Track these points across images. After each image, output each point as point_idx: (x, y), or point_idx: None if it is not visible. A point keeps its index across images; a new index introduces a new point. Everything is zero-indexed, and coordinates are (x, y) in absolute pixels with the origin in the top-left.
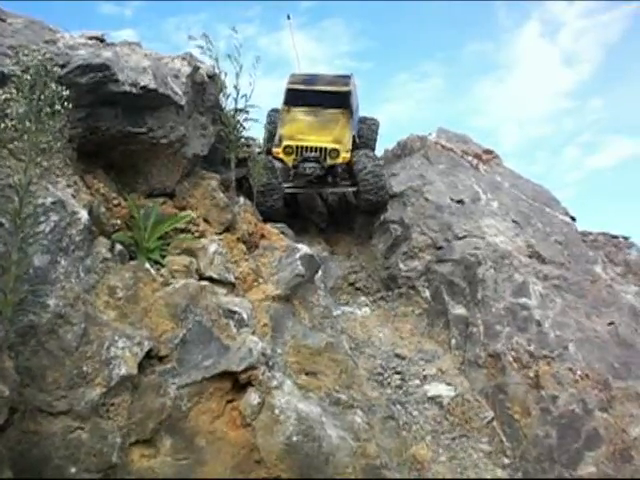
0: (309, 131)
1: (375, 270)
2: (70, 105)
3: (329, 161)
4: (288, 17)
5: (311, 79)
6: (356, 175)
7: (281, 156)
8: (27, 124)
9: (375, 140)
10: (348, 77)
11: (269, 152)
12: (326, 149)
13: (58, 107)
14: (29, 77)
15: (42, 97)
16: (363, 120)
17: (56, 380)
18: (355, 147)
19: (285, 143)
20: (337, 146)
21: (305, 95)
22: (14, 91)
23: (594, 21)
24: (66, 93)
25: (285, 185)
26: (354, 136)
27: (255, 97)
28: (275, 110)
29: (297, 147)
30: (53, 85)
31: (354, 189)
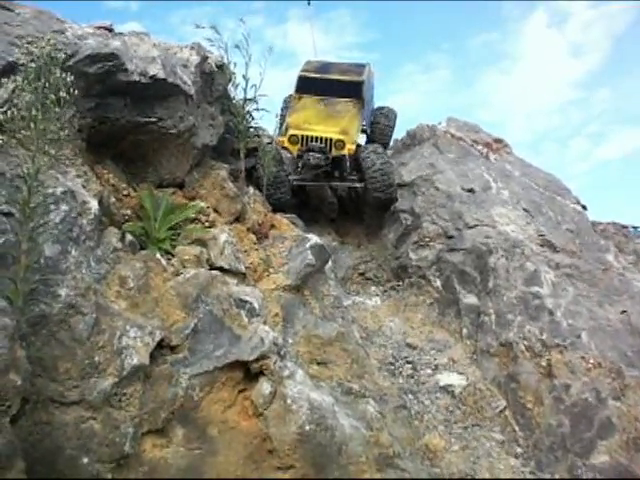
0: (316, 120)
1: (385, 260)
2: (76, 92)
3: (334, 152)
4: (308, 3)
5: (325, 67)
6: (364, 172)
7: (286, 145)
8: (34, 112)
9: (392, 130)
10: (363, 66)
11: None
12: (331, 140)
13: (63, 94)
14: (34, 65)
15: (47, 85)
16: (379, 109)
17: (68, 370)
18: (368, 138)
19: (290, 132)
20: (343, 137)
21: (317, 83)
22: (21, 80)
23: (601, 12)
24: (71, 79)
25: (293, 177)
26: (365, 127)
27: (262, 88)
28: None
29: (302, 136)
30: (58, 72)
31: (362, 185)
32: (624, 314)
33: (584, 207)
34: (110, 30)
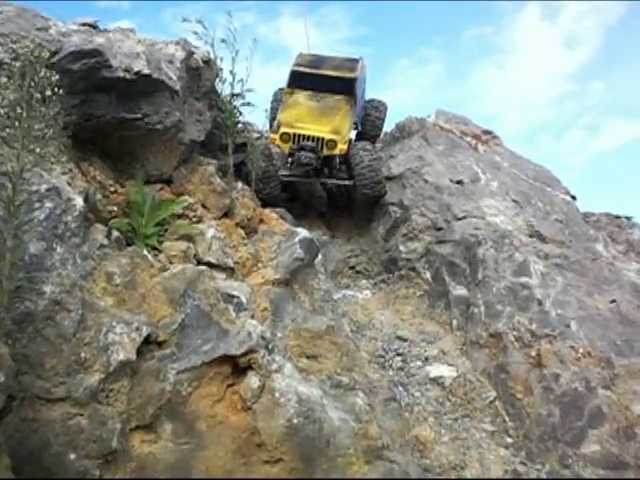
0: (308, 118)
1: (375, 253)
2: (61, 91)
3: (326, 151)
4: None
5: (317, 62)
6: (353, 168)
7: (278, 143)
8: (19, 111)
9: (382, 123)
10: (356, 61)
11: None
12: (323, 139)
13: (49, 93)
14: (19, 64)
15: (32, 84)
16: (370, 102)
17: (54, 367)
18: (358, 133)
19: (282, 130)
20: (335, 137)
21: (309, 78)
22: (4, 79)
23: (593, 4)
24: (55, 78)
25: (282, 173)
26: (356, 123)
27: (254, 85)
28: (282, 89)
29: (294, 135)
30: (43, 71)
31: (350, 183)
32: (613, 303)
33: (573, 197)
34: (94, 27)
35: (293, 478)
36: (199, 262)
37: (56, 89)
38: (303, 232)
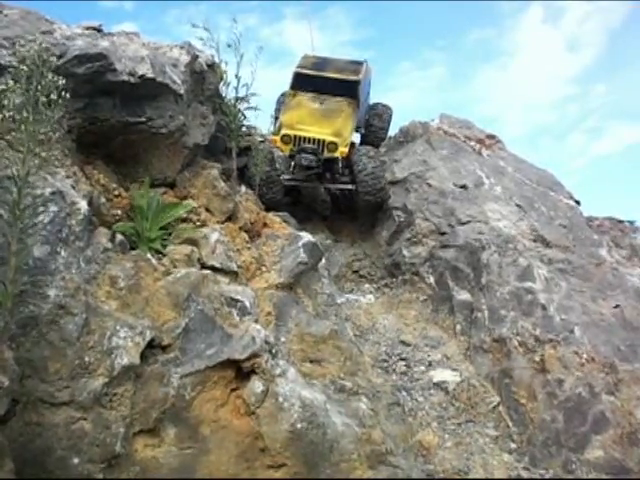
0: (310, 120)
1: (379, 257)
2: (68, 95)
3: (326, 154)
4: None
5: (321, 64)
6: (356, 175)
7: (279, 145)
8: (25, 114)
9: (386, 128)
10: (360, 64)
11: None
12: (324, 141)
13: (54, 96)
14: (26, 68)
15: (39, 87)
16: (374, 107)
17: (58, 371)
18: (363, 136)
19: (283, 132)
20: (336, 139)
21: (312, 81)
22: (11, 82)
23: (596, 6)
24: (62, 82)
25: (285, 177)
26: (359, 126)
27: (257, 87)
28: (285, 94)
29: (295, 137)
30: (50, 75)
31: (353, 187)
32: (617, 308)
33: (577, 202)
34: (99, 30)
35: (296, 478)
36: (203, 266)
37: (63, 93)
38: (307, 236)
